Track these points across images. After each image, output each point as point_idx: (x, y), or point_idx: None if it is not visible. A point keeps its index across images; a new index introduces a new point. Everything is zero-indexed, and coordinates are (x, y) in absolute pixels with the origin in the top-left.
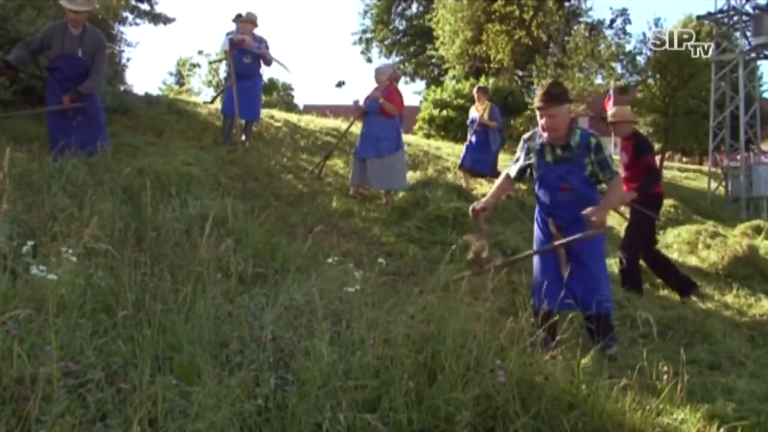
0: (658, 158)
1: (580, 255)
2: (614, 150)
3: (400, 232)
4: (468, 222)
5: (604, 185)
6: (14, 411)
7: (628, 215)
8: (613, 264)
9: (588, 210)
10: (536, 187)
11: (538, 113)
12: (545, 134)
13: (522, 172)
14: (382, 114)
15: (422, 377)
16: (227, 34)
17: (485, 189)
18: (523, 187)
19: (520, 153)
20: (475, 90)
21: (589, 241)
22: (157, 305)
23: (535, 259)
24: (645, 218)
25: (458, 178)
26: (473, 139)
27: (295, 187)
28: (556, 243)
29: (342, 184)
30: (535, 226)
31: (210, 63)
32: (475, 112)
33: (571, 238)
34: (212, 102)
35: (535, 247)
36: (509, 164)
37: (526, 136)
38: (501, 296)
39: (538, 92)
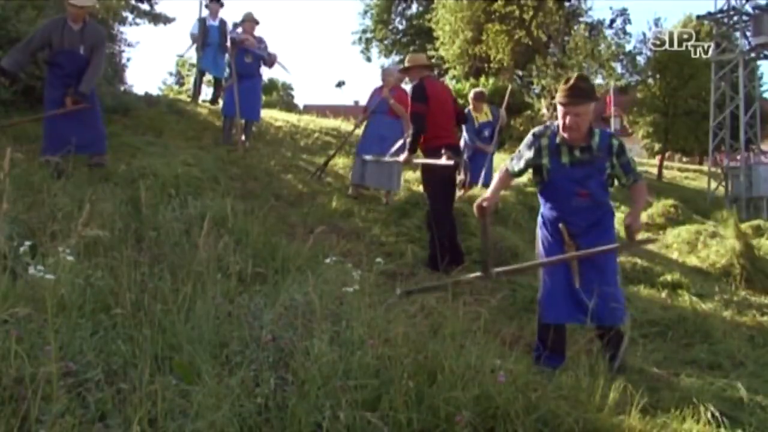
0: (657, 158)
1: (596, 261)
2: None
3: (399, 231)
4: (468, 223)
5: None
6: (14, 411)
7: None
8: None
9: (628, 220)
10: (545, 189)
11: (560, 110)
12: (565, 133)
13: (525, 169)
14: (390, 114)
15: (422, 377)
16: (199, 20)
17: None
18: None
19: (526, 149)
20: (471, 96)
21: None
22: (156, 305)
23: (543, 269)
24: (434, 174)
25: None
26: (486, 149)
27: (295, 187)
28: (573, 254)
29: (342, 184)
30: (541, 231)
31: (179, 57)
32: (480, 118)
33: (597, 249)
34: (214, 102)
35: (543, 254)
36: (511, 157)
37: (536, 131)
38: (500, 295)
39: (563, 86)
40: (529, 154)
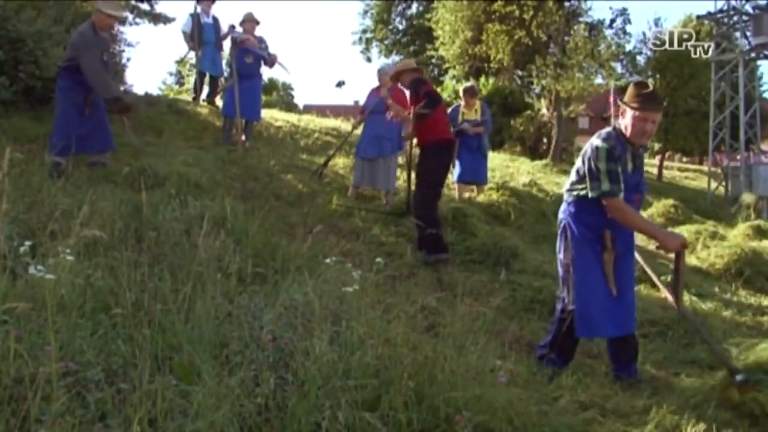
0: (657, 158)
1: (628, 265)
2: None
3: (399, 231)
4: (468, 223)
5: None
6: (14, 411)
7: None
8: None
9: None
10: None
11: (637, 115)
12: (639, 140)
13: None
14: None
15: (422, 377)
16: (191, 15)
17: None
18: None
19: (614, 165)
20: (462, 91)
21: (632, 255)
22: (156, 305)
23: (582, 279)
24: (433, 168)
25: (452, 190)
26: (468, 145)
27: (295, 187)
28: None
29: (342, 184)
30: (579, 238)
31: (179, 62)
32: (468, 115)
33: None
34: (212, 102)
35: (579, 261)
36: (603, 182)
37: (608, 144)
38: (500, 296)
39: (640, 91)
40: (617, 168)
